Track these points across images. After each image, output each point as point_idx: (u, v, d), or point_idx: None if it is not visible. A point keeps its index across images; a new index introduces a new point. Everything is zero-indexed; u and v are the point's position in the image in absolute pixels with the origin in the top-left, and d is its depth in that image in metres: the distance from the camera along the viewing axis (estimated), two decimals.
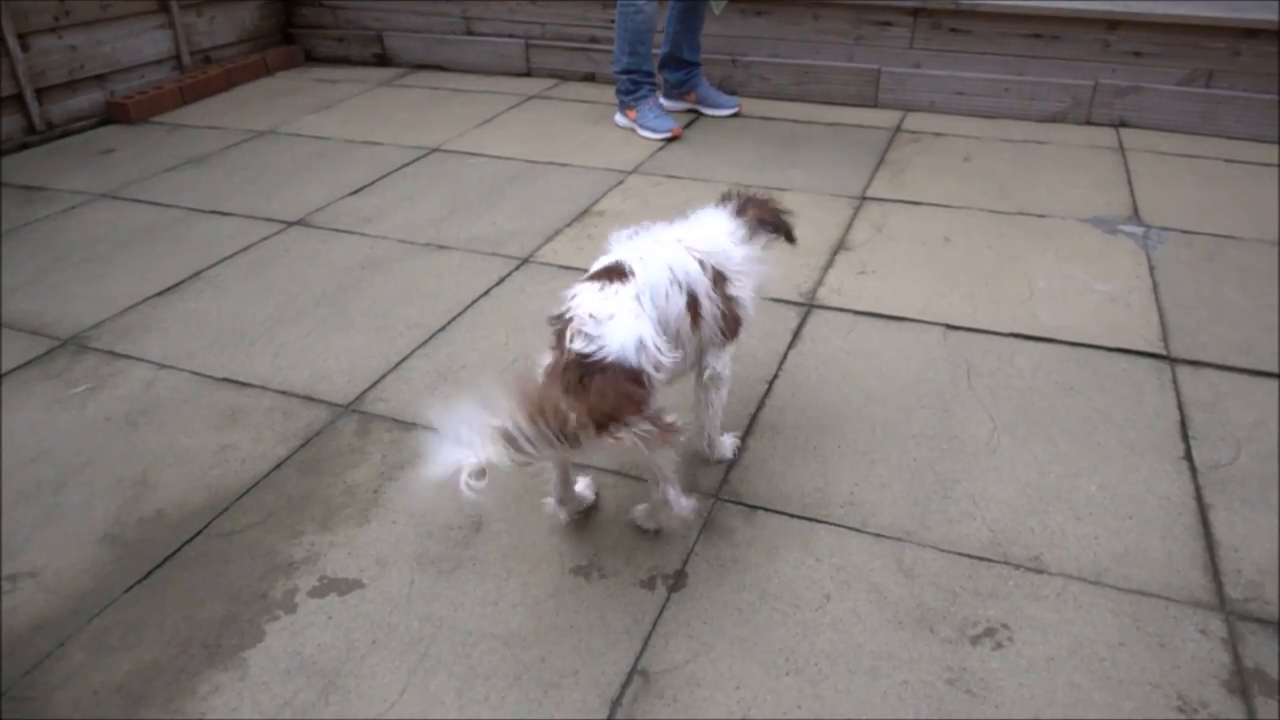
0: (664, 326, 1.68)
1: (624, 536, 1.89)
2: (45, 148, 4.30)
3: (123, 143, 4.35)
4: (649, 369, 1.59)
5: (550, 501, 1.90)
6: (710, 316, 1.81)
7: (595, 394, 1.51)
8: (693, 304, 1.76)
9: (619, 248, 1.77)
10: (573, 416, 1.44)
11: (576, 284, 1.70)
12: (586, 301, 1.62)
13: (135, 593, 1.78)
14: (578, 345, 1.56)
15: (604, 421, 1.50)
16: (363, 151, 4.14)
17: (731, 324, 1.87)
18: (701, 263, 1.80)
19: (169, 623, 1.71)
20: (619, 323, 1.58)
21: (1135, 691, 1.54)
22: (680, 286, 1.73)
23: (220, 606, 1.75)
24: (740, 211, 1.95)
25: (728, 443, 2.09)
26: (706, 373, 1.92)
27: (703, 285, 1.79)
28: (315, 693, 1.57)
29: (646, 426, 1.56)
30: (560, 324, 1.64)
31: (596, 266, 1.74)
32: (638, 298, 1.63)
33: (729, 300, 1.85)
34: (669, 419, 1.62)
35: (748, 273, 1.90)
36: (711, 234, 1.88)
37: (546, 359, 1.65)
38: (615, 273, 1.67)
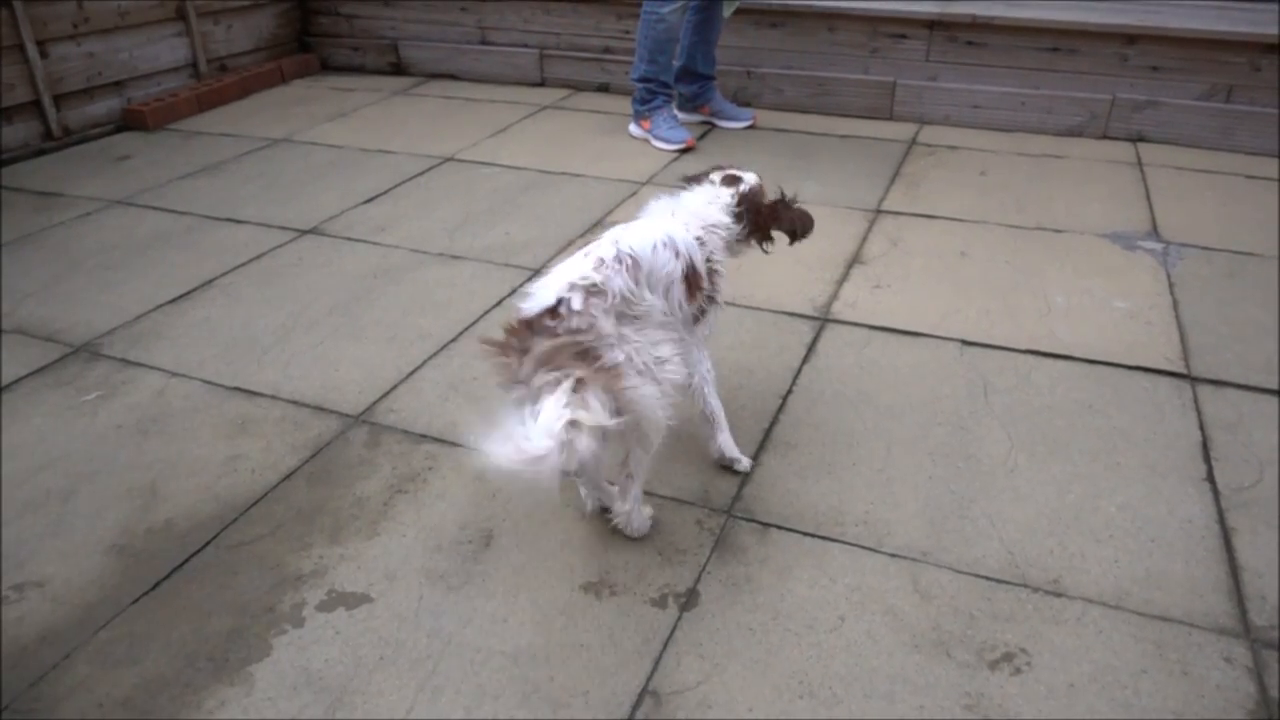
0: (645, 277, 1.72)
1: (635, 553, 1.86)
2: (62, 154, 4.32)
3: (139, 149, 4.37)
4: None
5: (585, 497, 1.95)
6: (704, 285, 1.87)
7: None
8: (690, 270, 1.82)
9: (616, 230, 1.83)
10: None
11: None
12: (554, 271, 1.72)
13: (142, 604, 1.77)
14: (523, 306, 1.67)
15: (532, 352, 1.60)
16: (376, 160, 4.14)
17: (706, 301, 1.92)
18: (700, 240, 1.88)
19: (176, 635, 1.70)
20: (554, 277, 1.66)
21: None
22: (675, 252, 1.79)
23: (227, 619, 1.73)
24: (744, 211, 1.98)
25: (744, 461, 2.07)
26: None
27: (699, 255, 1.86)
28: (322, 709, 1.55)
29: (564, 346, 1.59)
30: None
31: None
32: (586, 253, 1.71)
33: (713, 273, 1.91)
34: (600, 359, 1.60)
35: (726, 245, 1.96)
36: (706, 208, 1.95)
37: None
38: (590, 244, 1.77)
